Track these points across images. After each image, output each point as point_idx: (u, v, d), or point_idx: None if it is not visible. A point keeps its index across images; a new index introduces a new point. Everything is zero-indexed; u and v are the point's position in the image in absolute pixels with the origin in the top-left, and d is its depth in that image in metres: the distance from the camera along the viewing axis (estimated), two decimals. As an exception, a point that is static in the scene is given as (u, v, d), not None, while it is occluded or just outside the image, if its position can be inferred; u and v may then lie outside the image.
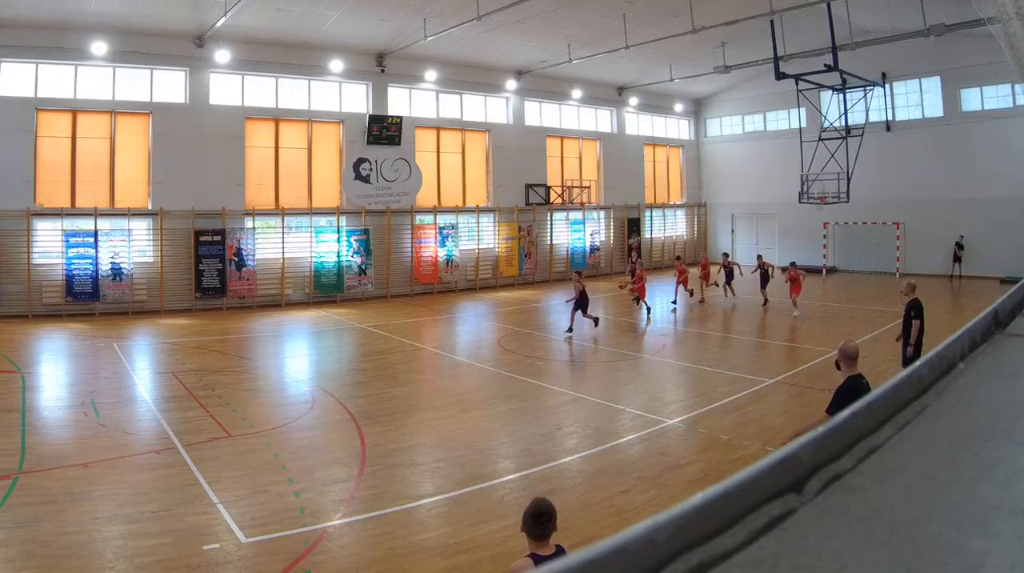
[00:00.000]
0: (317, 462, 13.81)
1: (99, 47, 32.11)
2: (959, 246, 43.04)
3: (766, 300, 32.82)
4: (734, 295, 34.96)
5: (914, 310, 16.76)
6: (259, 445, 14.68)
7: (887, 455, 1.49)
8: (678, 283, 34.62)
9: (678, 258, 38.17)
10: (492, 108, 44.87)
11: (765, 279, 33.52)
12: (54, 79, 32.35)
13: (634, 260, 30.52)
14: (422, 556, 10.12)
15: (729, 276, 35.66)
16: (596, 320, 27.47)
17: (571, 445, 14.87)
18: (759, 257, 34.82)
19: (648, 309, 30.97)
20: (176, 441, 14.64)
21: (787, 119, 49.77)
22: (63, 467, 13.09)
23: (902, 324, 17.37)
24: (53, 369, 22.96)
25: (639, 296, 31.04)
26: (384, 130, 39.39)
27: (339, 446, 14.82)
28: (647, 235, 52.22)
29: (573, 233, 47.67)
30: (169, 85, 34.65)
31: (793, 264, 31.36)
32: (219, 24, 31.61)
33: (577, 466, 13.61)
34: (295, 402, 18.62)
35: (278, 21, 33.51)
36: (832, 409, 9.72)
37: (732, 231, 54.75)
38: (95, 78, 33.10)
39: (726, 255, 37.86)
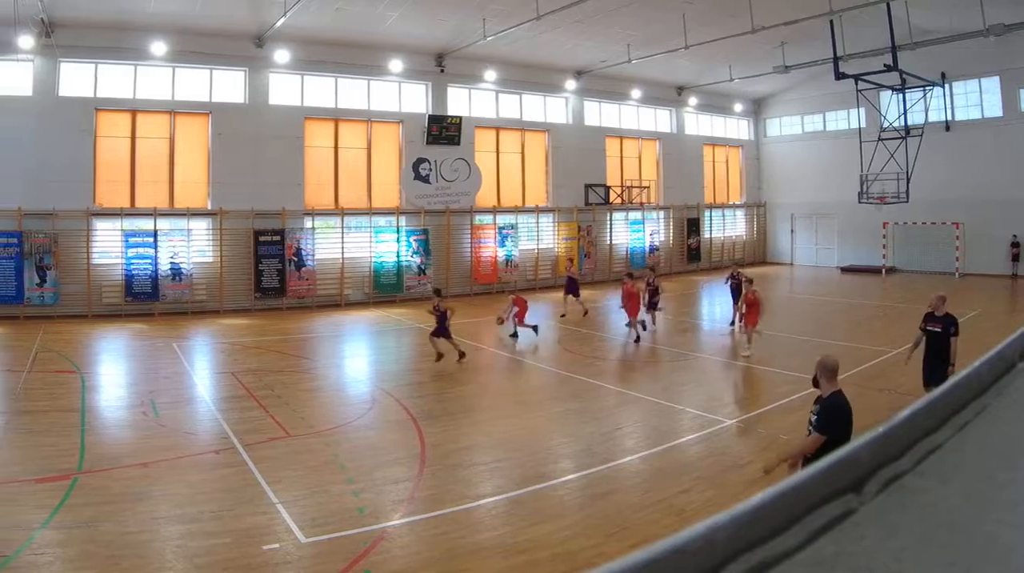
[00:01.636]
0: (376, 462, 13.46)
1: (159, 47, 31.16)
2: (1014, 244, 41.88)
3: (734, 321, 27.23)
4: (653, 325, 27.54)
5: (954, 326, 14.97)
6: (318, 445, 14.32)
7: (946, 455, 1.49)
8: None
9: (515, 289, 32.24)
10: (552, 108, 43.39)
11: (737, 294, 27.36)
12: (114, 79, 31.39)
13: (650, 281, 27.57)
14: (481, 556, 9.85)
15: (653, 296, 27.53)
16: (535, 328, 25.47)
17: (630, 445, 14.51)
18: (734, 268, 29.68)
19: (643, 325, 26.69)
20: (235, 441, 14.30)
21: (846, 119, 48.18)
22: (122, 467, 12.80)
23: (927, 341, 15.17)
24: (113, 369, 22.37)
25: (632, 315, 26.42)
26: (444, 130, 38.17)
27: (398, 446, 14.41)
28: (706, 235, 50.50)
29: (632, 233, 46.13)
30: (229, 85, 33.70)
31: (749, 281, 24.56)
32: (278, 24, 30.64)
33: (636, 466, 13.29)
34: (354, 402, 18.17)
35: (337, 21, 32.47)
36: (829, 428, 8.77)
37: (792, 231, 52.88)
38: (155, 78, 32.10)
39: (653, 269, 31.46)
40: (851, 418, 8.84)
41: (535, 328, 25.64)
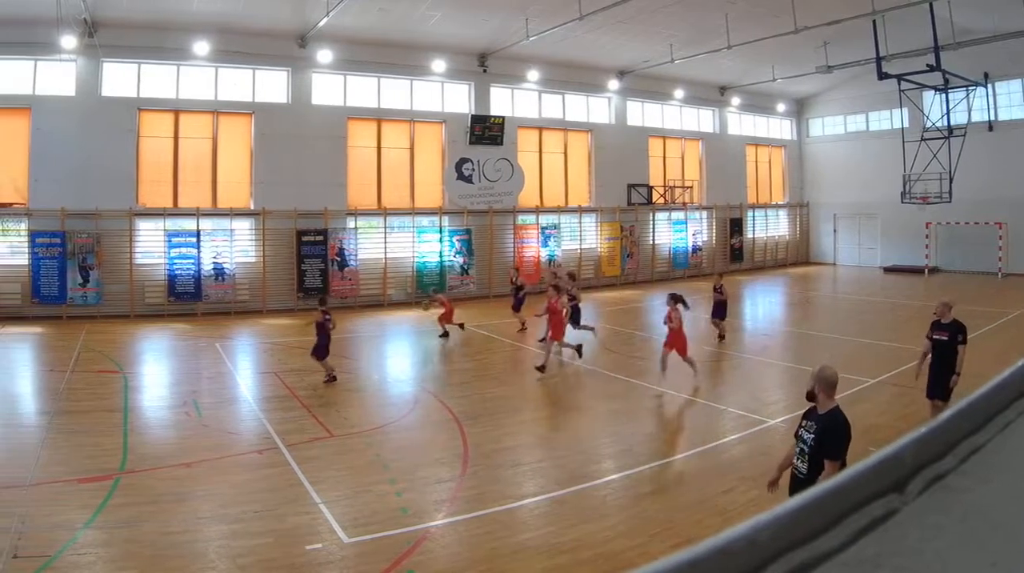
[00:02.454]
0: (419, 462, 13.25)
1: (201, 47, 30.53)
2: None
3: (722, 335, 24.70)
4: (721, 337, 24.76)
5: (962, 334, 13.82)
6: (361, 445, 14.10)
7: (989, 455, 1.46)
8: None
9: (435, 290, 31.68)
10: (595, 108, 42.24)
11: (721, 309, 24.87)
12: (156, 79, 30.76)
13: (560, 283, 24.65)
14: (524, 556, 9.71)
15: (576, 313, 23.94)
16: (592, 329, 23.73)
17: (673, 445, 14.39)
18: (718, 279, 25.49)
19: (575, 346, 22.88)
20: (278, 441, 14.07)
21: (889, 119, 46.84)
22: (165, 467, 12.63)
23: (933, 351, 13.93)
24: (155, 369, 21.82)
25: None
26: (486, 130, 37.27)
27: (441, 446, 14.17)
28: (749, 235, 49.20)
29: (675, 233, 44.94)
30: (271, 85, 32.99)
31: (677, 299, 19.01)
32: (321, 24, 30.05)
33: (679, 466, 13.12)
34: (397, 402, 17.76)
35: (380, 21, 31.69)
36: (840, 450, 7.91)
37: (834, 231, 51.36)
38: (197, 78, 31.50)
39: (572, 277, 26.20)
40: (851, 436, 8.05)
41: (592, 330, 24.05)
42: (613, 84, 41.87)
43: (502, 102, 38.82)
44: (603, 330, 26.60)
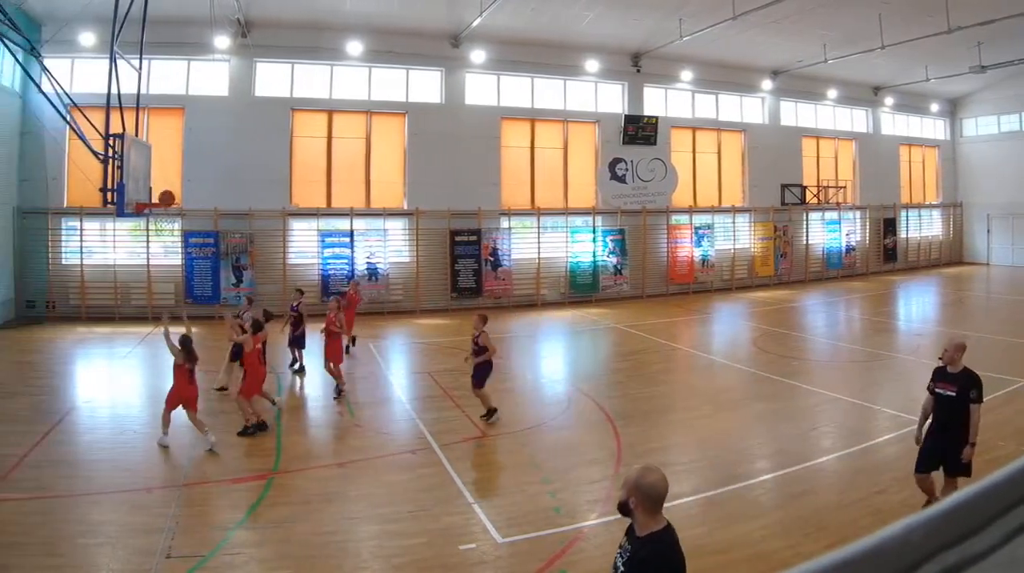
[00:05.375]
0: (572, 462, 11.66)
1: (355, 47, 26.49)
2: None
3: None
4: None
5: (975, 388, 8.72)
6: (514, 445, 12.55)
7: None
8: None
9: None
10: (748, 108, 36.23)
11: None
12: (310, 79, 26.89)
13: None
14: None
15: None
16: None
17: (826, 445, 12.44)
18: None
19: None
20: (432, 441, 12.54)
21: (1044, 119, 38.73)
22: (319, 467, 11.47)
23: (935, 409, 9.06)
24: (309, 369, 18.41)
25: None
26: (640, 130, 31.78)
27: (594, 446, 12.47)
28: (902, 235, 42.10)
29: (828, 233, 38.63)
30: (425, 85, 28.58)
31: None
32: (475, 24, 25.74)
33: (832, 466, 11.40)
34: (550, 402, 15.63)
35: (534, 21, 27.13)
36: None
37: (988, 231, 43.72)
38: (350, 78, 27.40)
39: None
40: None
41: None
42: (766, 84, 35.63)
43: (655, 102, 33.11)
44: (756, 330, 23.79)
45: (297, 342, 17.99)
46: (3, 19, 16.75)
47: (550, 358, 21.66)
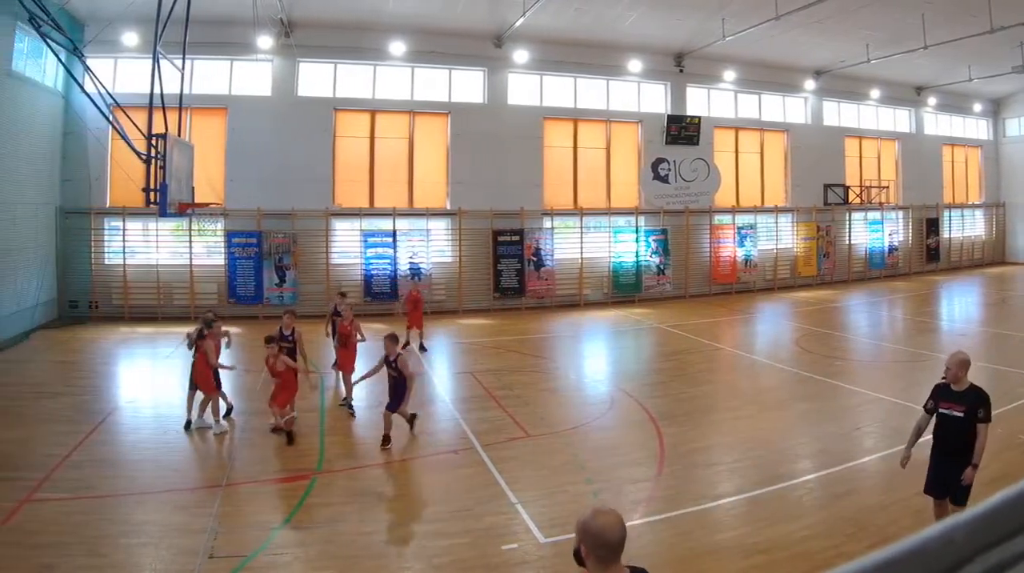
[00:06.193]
0: (615, 462, 11.20)
1: (397, 47, 25.32)
2: None
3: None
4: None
5: (983, 407, 7.56)
6: (557, 445, 11.96)
7: None
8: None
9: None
10: (791, 108, 34.57)
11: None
12: (352, 79, 25.76)
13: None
14: (720, 556, 8.09)
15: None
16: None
17: (869, 445, 11.90)
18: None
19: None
20: (475, 441, 12.04)
21: (1088, 118, 35.50)
22: (361, 467, 11.07)
23: (937, 430, 7.92)
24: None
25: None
26: (683, 130, 30.31)
27: (637, 446, 11.96)
28: (945, 235, 40.15)
29: (871, 233, 36.92)
30: (467, 85, 27.37)
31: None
32: (517, 24, 24.52)
33: (875, 466, 10.86)
34: (593, 402, 14.97)
35: (576, 21, 25.91)
36: None
37: None
38: (393, 78, 26.24)
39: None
40: None
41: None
42: (809, 84, 33.90)
43: (698, 102, 31.58)
44: (799, 330, 22.97)
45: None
46: (46, 19, 16.11)
47: (593, 358, 20.92)
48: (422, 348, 19.07)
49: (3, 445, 11.58)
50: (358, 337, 14.70)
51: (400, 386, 11.85)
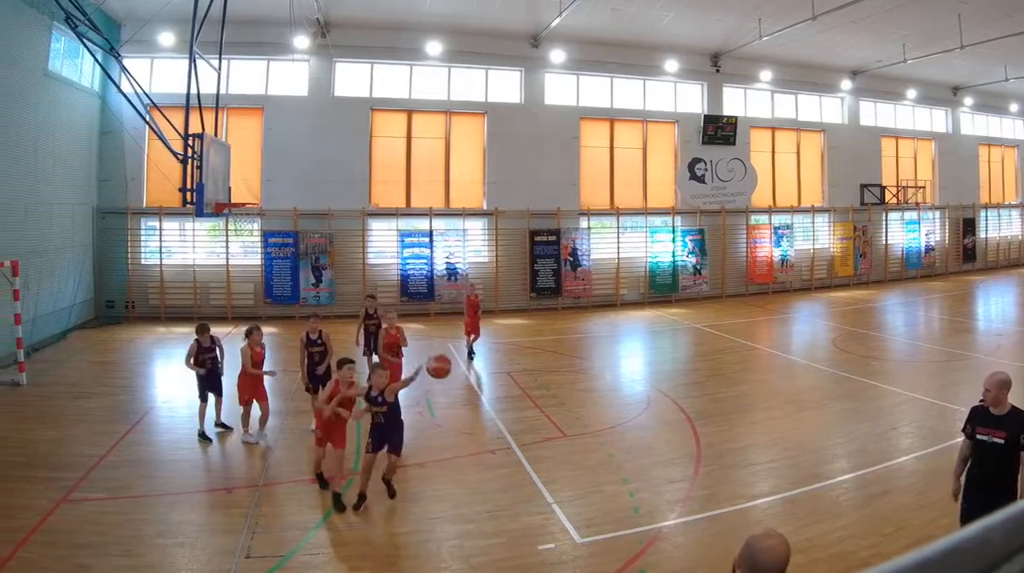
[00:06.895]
0: (652, 462, 10.85)
1: (434, 47, 24.39)
2: None
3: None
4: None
5: None
6: (594, 445, 11.60)
7: None
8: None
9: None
10: (827, 108, 33.29)
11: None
12: (389, 79, 24.84)
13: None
14: None
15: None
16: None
17: (906, 445, 11.51)
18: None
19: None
20: (511, 441, 11.73)
21: (1124, 118, 33.17)
22: (398, 466, 9.85)
23: (975, 457, 6.91)
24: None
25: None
26: (719, 130, 29.20)
27: (674, 446, 11.58)
28: (982, 236, 38.62)
29: (908, 233, 35.45)
30: (504, 85, 26.39)
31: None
32: (554, 24, 23.53)
33: (912, 466, 10.48)
34: (630, 402, 14.48)
35: (613, 21, 24.90)
36: None
37: None
38: (430, 78, 25.35)
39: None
40: None
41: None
42: (846, 84, 32.52)
43: (735, 102, 30.35)
44: (836, 330, 22.20)
45: (374, 348, 14.95)
46: (83, 19, 15.41)
47: (629, 358, 20.26)
48: (470, 355, 17.76)
49: (40, 445, 11.27)
50: (403, 342, 13.14)
51: (395, 423, 9.39)
